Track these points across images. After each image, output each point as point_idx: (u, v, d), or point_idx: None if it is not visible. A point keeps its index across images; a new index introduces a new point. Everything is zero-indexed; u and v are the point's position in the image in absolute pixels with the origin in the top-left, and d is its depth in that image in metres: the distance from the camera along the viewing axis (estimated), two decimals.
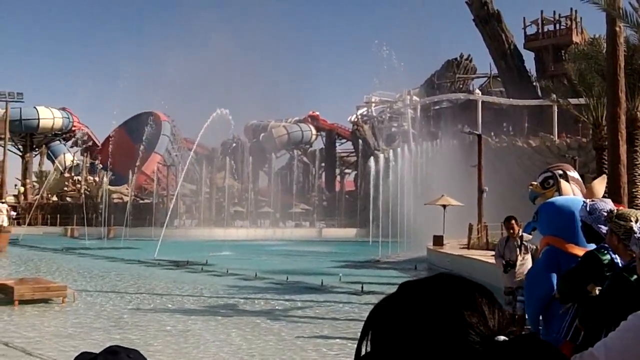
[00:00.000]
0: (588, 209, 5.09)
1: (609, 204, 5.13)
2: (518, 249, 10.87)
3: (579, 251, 5.24)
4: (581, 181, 7.06)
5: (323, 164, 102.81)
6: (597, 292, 4.52)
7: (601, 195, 6.51)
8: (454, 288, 1.08)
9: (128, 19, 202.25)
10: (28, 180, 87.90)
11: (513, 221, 11.06)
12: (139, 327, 14.34)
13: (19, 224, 64.77)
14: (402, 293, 1.11)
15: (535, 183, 7.07)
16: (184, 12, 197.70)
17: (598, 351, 2.03)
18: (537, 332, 5.44)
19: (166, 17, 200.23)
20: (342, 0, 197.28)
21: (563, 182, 6.60)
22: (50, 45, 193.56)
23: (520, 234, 10.92)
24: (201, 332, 13.82)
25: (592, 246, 5.00)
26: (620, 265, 4.48)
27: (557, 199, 6.09)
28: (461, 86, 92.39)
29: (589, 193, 6.50)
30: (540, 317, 5.69)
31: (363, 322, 1.11)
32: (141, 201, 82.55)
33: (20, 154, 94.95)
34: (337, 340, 13.12)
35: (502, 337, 1.02)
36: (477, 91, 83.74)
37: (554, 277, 5.50)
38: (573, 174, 6.98)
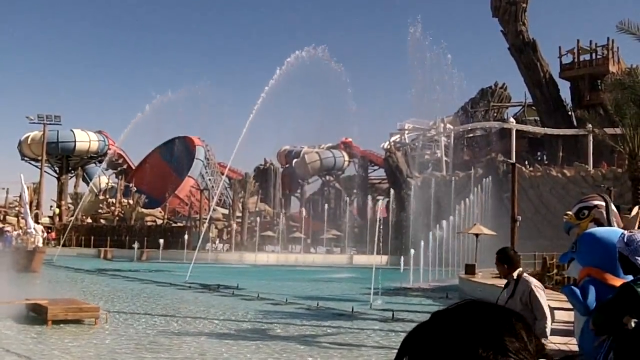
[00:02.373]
0: (625, 240, 5.03)
1: None
2: (509, 296, 6.99)
3: (619, 283, 5.16)
4: (616, 212, 6.99)
5: (355, 191, 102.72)
6: (633, 324, 4.45)
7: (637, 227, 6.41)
8: (491, 314, 1.07)
9: (163, 44, 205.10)
10: (63, 202, 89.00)
11: (496, 257, 7.42)
12: (170, 351, 14.39)
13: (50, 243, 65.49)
14: (438, 320, 1.09)
15: (569, 213, 7.01)
16: (216, 39, 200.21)
17: None
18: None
19: (197, 44, 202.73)
20: (376, 28, 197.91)
21: (613, 210, 6.57)
22: (88, 69, 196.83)
23: (514, 277, 7.08)
24: (230, 357, 13.81)
25: (631, 278, 4.93)
26: None
27: (597, 229, 6.01)
28: (495, 115, 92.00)
29: (627, 223, 6.44)
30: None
31: (393, 350, 1.11)
32: (174, 224, 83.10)
33: (56, 175, 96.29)
34: None
35: None
36: (512, 120, 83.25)
37: (592, 304, 5.41)
38: (610, 205, 6.91)
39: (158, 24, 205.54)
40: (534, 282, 7.05)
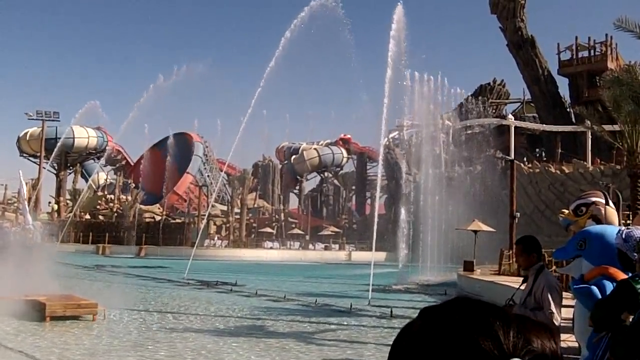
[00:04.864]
0: (624, 236, 5.03)
1: None
2: (527, 292, 6.27)
3: None
4: (612, 210, 6.97)
5: (353, 187, 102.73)
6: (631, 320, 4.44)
7: None
8: (469, 313, 1.07)
9: (163, 39, 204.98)
10: (62, 198, 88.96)
11: (520, 246, 6.58)
12: (168, 346, 14.39)
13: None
14: (420, 322, 1.11)
15: (566, 211, 6.99)
16: (216, 34, 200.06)
17: None
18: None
19: (199, 39, 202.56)
20: (376, 24, 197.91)
21: (608, 209, 6.52)
22: (86, 65, 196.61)
23: (535, 270, 6.24)
24: (229, 353, 13.81)
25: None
26: None
27: (607, 227, 5.89)
28: (494, 111, 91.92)
29: (637, 220, 6.40)
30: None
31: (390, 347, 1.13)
32: (172, 221, 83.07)
33: (55, 172, 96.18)
34: None
35: None
36: (510, 116, 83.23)
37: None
38: (604, 201, 6.91)
39: (155, 18, 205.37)
40: (551, 281, 6.19)
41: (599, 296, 5.23)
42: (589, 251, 5.59)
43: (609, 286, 5.21)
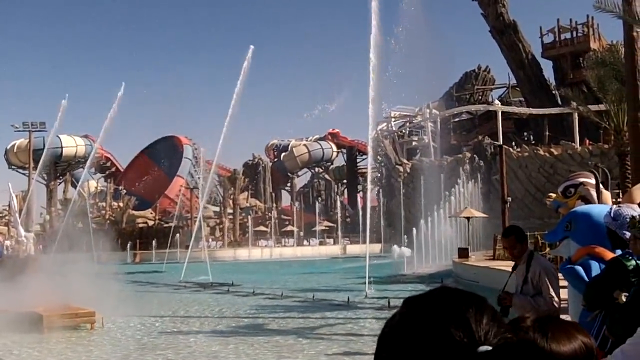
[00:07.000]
0: (612, 214, 5.08)
1: (636, 210, 5.09)
2: (522, 279, 6.15)
3: None
4: (591, 191, 7.00)
5: (345, 181, 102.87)
6: (624, 298, 4.49)
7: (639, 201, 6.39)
8: (445, 303, 1.09)
9: (149, 43, 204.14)
10: (53, 208, 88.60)
11: (513, 237, 6.36)
12: (168, 351, 14.40)
13: None
14: (401, 312, 1.15)
15: (553, 194, 7.03)
16: (204, 35, 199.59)
17: (615, 359, 2.04)
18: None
19: (187, 40, 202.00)
20: (358, 15, 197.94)
21: (604, 192, 6.57)
22: (70, 72, 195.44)
23: (525, 257, 6.21)
24: (230, 354, 13.84)
25: (619, 252, 4.95)
26: None
27: (593, 207, 5.93)
28: (480, 97, 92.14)
29: (626, 198, 6.45)
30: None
31: None
32: (165, 225, 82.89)
33: (45, 182, 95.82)
34: (366, 357, 13.08)
35: (484, 348, 1.03)
36: (497, 102, 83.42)
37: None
38: (593, 181, 6.95)
39: (140, 25, 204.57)
40: (546, 265, 6.26)
41: (584, 276, 5.28)
42: (576, 232, 5.63)
43: (595, 266, 5.27)
